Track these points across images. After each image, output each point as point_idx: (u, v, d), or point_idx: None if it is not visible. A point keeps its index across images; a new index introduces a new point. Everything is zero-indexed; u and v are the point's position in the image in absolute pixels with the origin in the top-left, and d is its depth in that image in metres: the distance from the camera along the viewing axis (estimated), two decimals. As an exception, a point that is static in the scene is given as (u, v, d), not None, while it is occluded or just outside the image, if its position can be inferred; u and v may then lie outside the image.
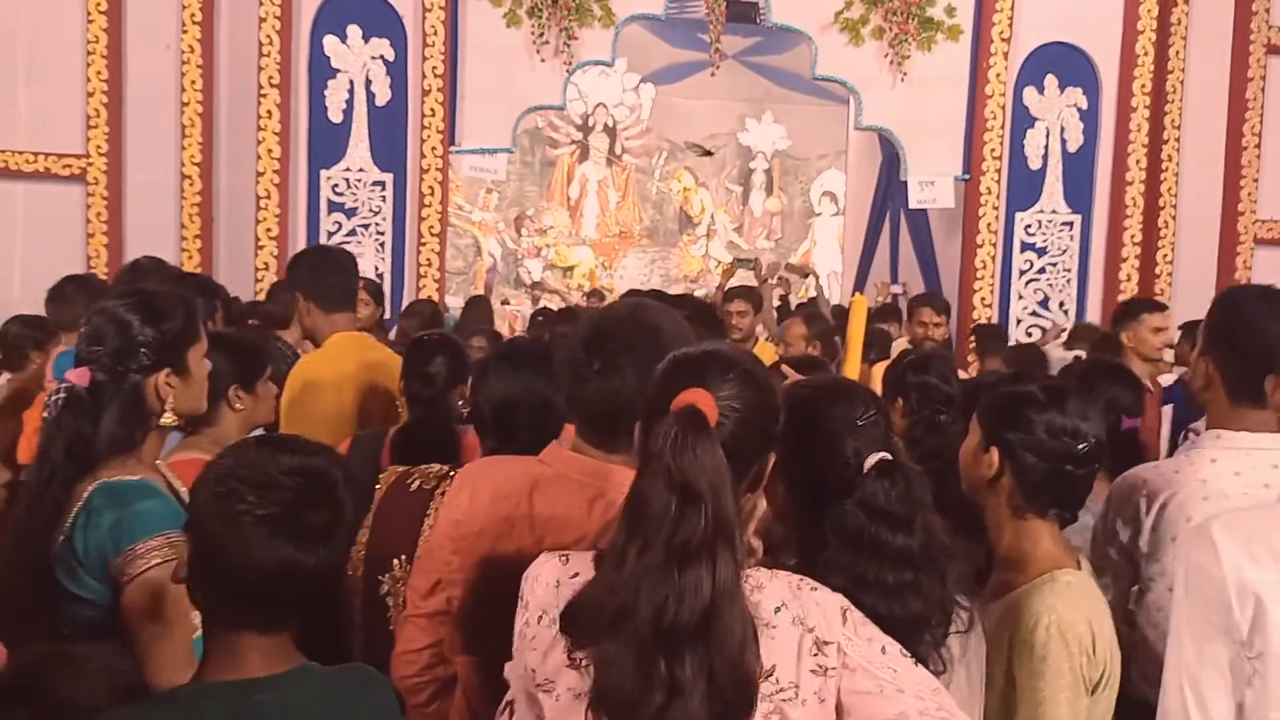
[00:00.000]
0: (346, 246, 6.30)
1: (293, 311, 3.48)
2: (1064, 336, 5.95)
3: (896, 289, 7.99)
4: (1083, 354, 5.07)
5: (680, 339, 1.61)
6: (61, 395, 1.80)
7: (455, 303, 9.45)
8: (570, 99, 7.85)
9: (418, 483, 2.32)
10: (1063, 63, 6.88)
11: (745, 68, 10.86)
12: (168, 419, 1.89)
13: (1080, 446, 1.69)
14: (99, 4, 6.43)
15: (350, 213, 6.48)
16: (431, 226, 6.49)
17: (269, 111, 6.27)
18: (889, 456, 1.47)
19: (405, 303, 6.45)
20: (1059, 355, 5.25)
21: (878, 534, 1.43)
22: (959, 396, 2.70)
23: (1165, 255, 7.15)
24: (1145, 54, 6.81)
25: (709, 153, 11.96)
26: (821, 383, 1.76)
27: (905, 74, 6.75)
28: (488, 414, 2.18)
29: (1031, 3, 6.77)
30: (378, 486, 2.37)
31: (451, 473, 2.26)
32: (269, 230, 6.23)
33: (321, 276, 3.18)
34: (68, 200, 6.51)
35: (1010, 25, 6.71)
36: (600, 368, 1.61)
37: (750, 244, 12.25)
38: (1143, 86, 6.83)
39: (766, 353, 4.62)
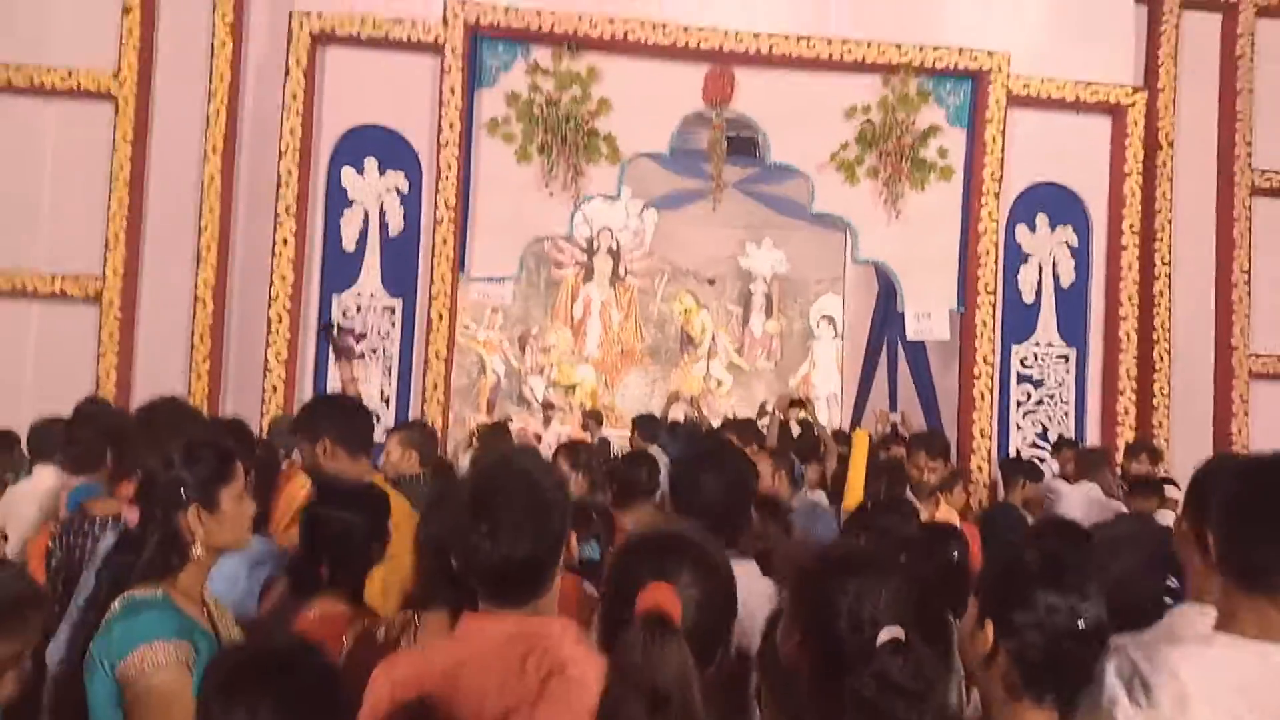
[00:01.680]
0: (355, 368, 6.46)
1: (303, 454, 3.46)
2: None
3: (895, 417, 8.05)
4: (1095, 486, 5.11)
5: (559, 489, 1.67)
6: (112, 536, 2.14)
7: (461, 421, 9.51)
8: (576, 224, 8.09)
9: (384, 632, 2.29)
10: (1053, 202, 7.13)
11: (745, 196, 11.18)
12: (199, 551, 2.11)
13: (1080, 623, 1.59)
14: (125, 133, 6.72)
15: (360, 336, 6.59)
16: (439, 351, 6.59)
17: (285, 239, 6.46)
18: (901, 637, 1.49)
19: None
20: (1069, 490, 5.25)
21: (891, 707, 1.44)
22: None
23: (1161, 388, 7.25)
24: (1133, 195, 7.06)
25: (712, 280, 12.24)
26: (842, 553, 1.78)
27: (900, 211, 6.98)
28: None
29: (1021, 145, 7.04)
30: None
31: (417, 619, 2.24)
32: (278, 353, 6.33)
33: (352, 421, 3.25)
34: (81, 321, 6.65)
35: (1001, 166, 6.97)
36: (489, 530, 1.62)
37: (750, 365, 12.40)
38: (1132, 226, 7.05)
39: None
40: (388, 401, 6.56)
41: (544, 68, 6.81)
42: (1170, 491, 5.27)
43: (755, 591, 2.24)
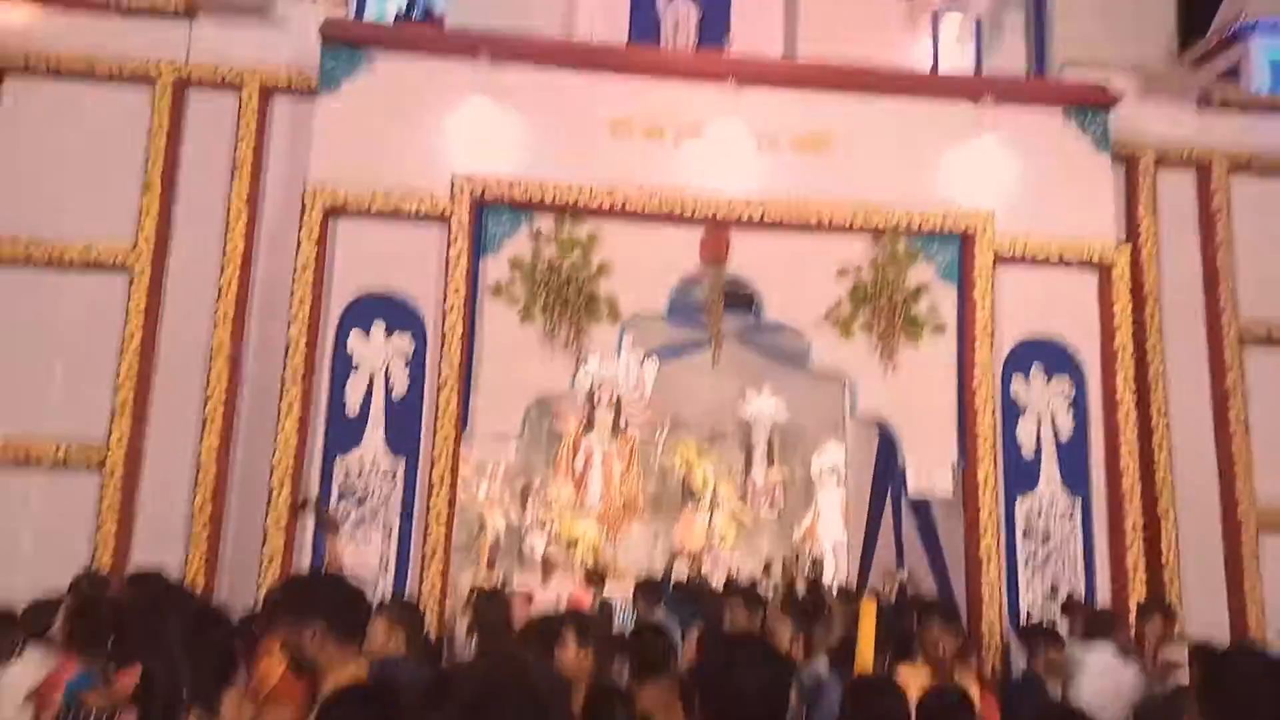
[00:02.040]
0: (356, 533, 6.42)
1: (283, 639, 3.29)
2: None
3: (902, 575, 7.94)
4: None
5: (561, 696, 1.62)
6: None
7: (459, 580, 9.34)
8: (577, 379, 8.17)
9: None
10: (1047, 355, 7.23)
11: (743, 345, 11.33)
12: None
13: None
14: (139, 304, 6.90)
15: (360, 501, 6.58)
16: (439, 514, 6.56)
17: (290, 405, 6.53)
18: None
19: (408, 590, 6.42)
20: (1091, 659, 5.10)
21: None
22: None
23: (1169, 543, 7.17)
24: (1125, 347, 7.17)
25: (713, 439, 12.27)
26: None
27: (896, 366, 7.07)
28: None
29: (1010, 299, 7.20)
30: None
31: None
32: (278, 520, 6.30)
33: (349, 608, 2.98)
34: (83, 489, 6.66)
35: (992, 321, 7.11)
36: None
37: (754, 515, 12.27)
38: (1126, 378, 7.13)
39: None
40: (386, 567, 6.48)
41: (546, 234, 7.05)
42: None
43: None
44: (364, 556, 6.36)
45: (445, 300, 6.78)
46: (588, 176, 7.02)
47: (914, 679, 3.87)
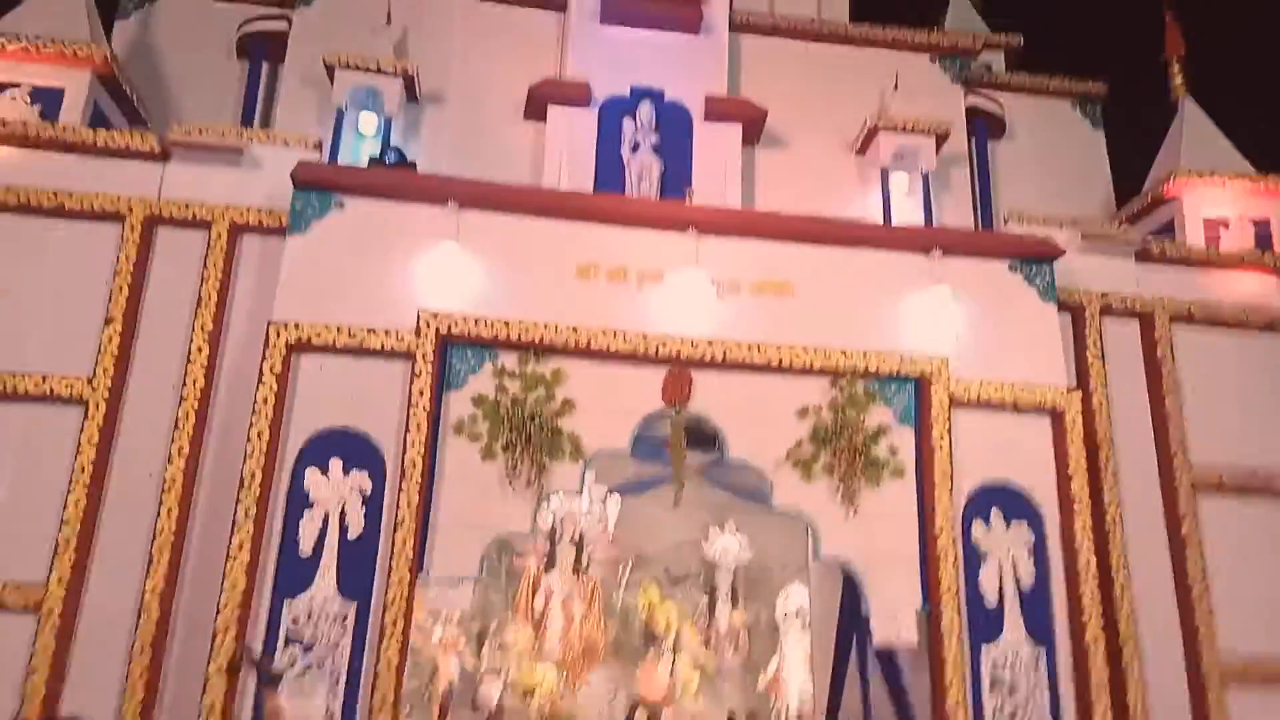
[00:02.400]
0: (299, 684, 6.16)
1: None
2: None
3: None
4: None
5: None
6: None
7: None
8: (539, 515, 8.06)
9: None
10: (1005, 499, 7.29)
11: (707, 482, 11.29)
12: None
13: None
14: (91, 437, 6.77)
15: (308, 647, 6.34)
16: (390, 660, 6.33)
17: (241, 544, 6.36)
18: None
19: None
20: None
21: None
22: None
23: (1135, 697, 7.06)
24: (1081, 492, 7.26)
25: (680, 580, 12.06)
26: None
27: (857, 508, 7.10)
28: None
29: (967, 443, 7.32)
30: None
31: None
32: (220, 668, 6.03)
33: None
34: (17, 630, 6.36)
35: (950, 464, 7.19)
36: None
37: (719, 658, 11.95)
38: (1084, 525, 7.18)
39: None
40: (332, 718, 6.19)
41: (510, 370, 7.11)
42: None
43: None
44: (307, 710, 6.08)
45: (406, 436, 6.74)
46: (553, 316, 7.14)
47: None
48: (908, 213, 9.21)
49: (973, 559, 7.12)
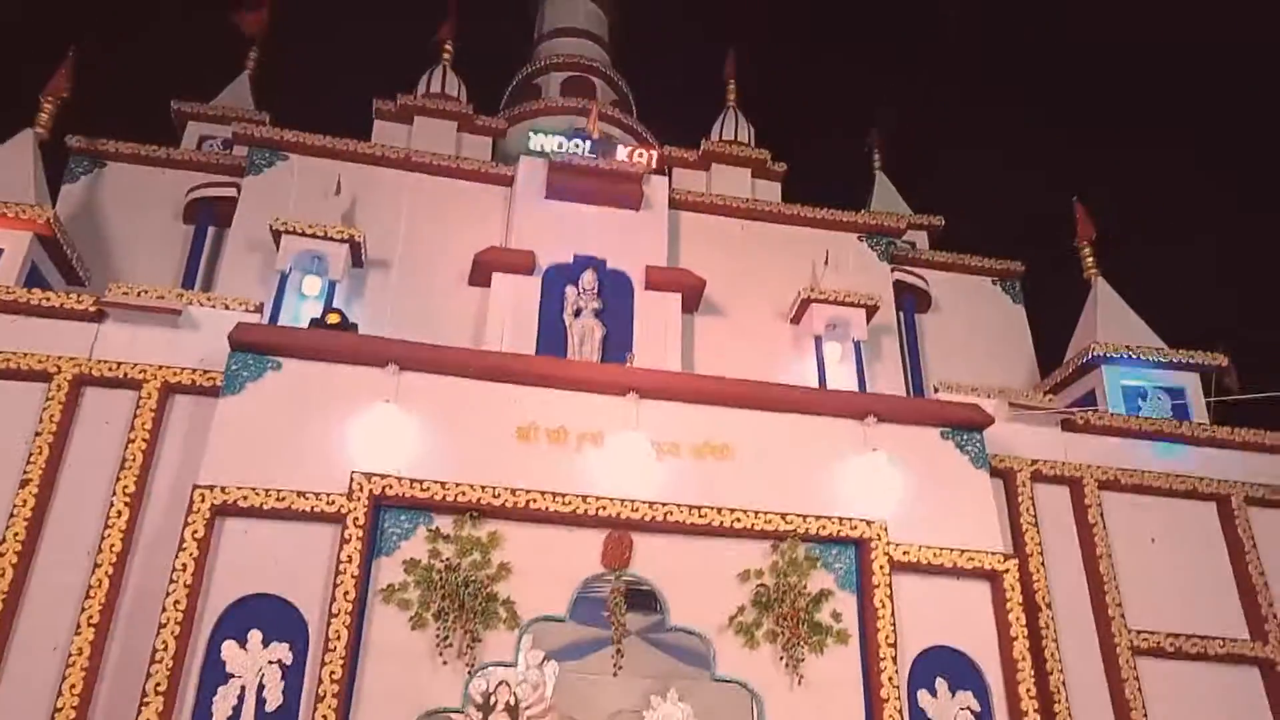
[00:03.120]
0: None
1: None
2: None
3: None
4: None
5: None
6: None
7: None
8: (470, 687, 7.69)
9: None
10: (950, 666, 7.17)
11: (648, 645, 10.93)
12: None
13: None
14: (-7, 605, 6.35)
15: (213, 838, 5.82)
16: None
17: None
18: None
19: None
20: None
21: None
22: None
23: None
24: (1024, 658, 7.18)
25: None
26: None
27: (802, 676, 6.92)
28: None
29: (910, 608, 7.26)
30: None
31: None
32: None
33: None
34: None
35: (894, 630, 7.10)
36: None
37: (659, 845, 11.24)
38: (1028, 690, 7.08)
39: None
40: None
41: (445, 534, 6.94)
42: None
43: None
44: None
45: (332, 604, 6.46)
46: (492, 478, 7.07)
47: None
48: (841, 380, 9.48)
49: (920, 729, 6.92)
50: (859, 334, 9.74)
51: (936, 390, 8.67)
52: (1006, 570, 7.48)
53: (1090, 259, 10.89)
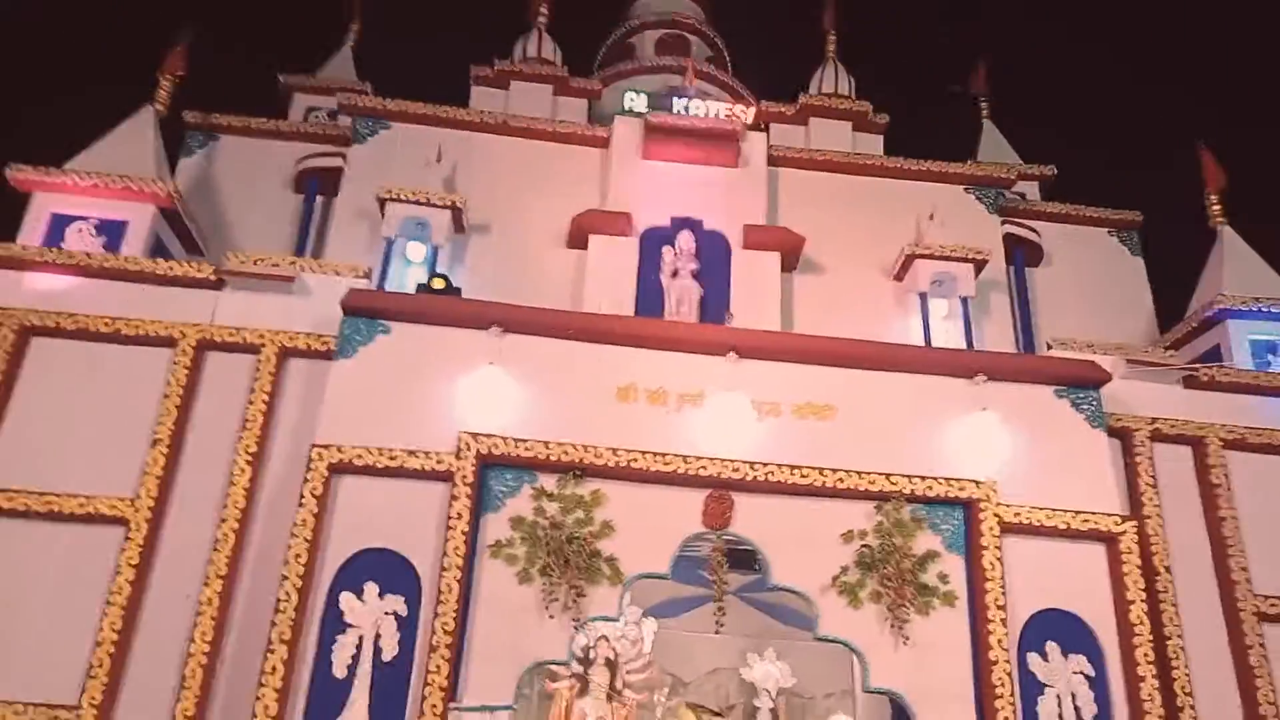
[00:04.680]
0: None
1: None
2: None
3: None
4: None
5: None
6: None
7: None
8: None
9: None
10: (1063, 629, 6.99)
11: (746, 604, 10.98)
12: None
13: None
14: (130, 557, 6.77)
15: (333, 781, 6.14)
16: (421, 792, 6.09)
17: (274, 668, 6.25)
18: None
19: None
20: None
21: None
22: None
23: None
24: (1140, 622, 6.95)
25: (719, 714, 11.63)
26: None
27: (908, 638, 6.84)
28: None
29: (1021, 571, 7.08)
30: None
31: None
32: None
33: None
34: (45, 754, 6.23)
35: (1003, 592, 6.94)
36: None
37: (758, 792, 11.38)
38: (1145, 655, 6.85)
39: None
40: None
41: (549, 492, 7.07)
42: None
43: None
44: None
45: (444, 559, 6.67)
46: (593, 438, 7.15)
47: None
48: (948, 337, 9.21)
49: (1030, 691, 6.77)
50: (966, 290, 9.42)
51: (1050, 347, 8.36)
52: (1124, 532, 7.21)
53: (1217, 207, 10.27)
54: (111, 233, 8.57)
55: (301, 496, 6.73)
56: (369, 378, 7.24)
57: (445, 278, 8.39)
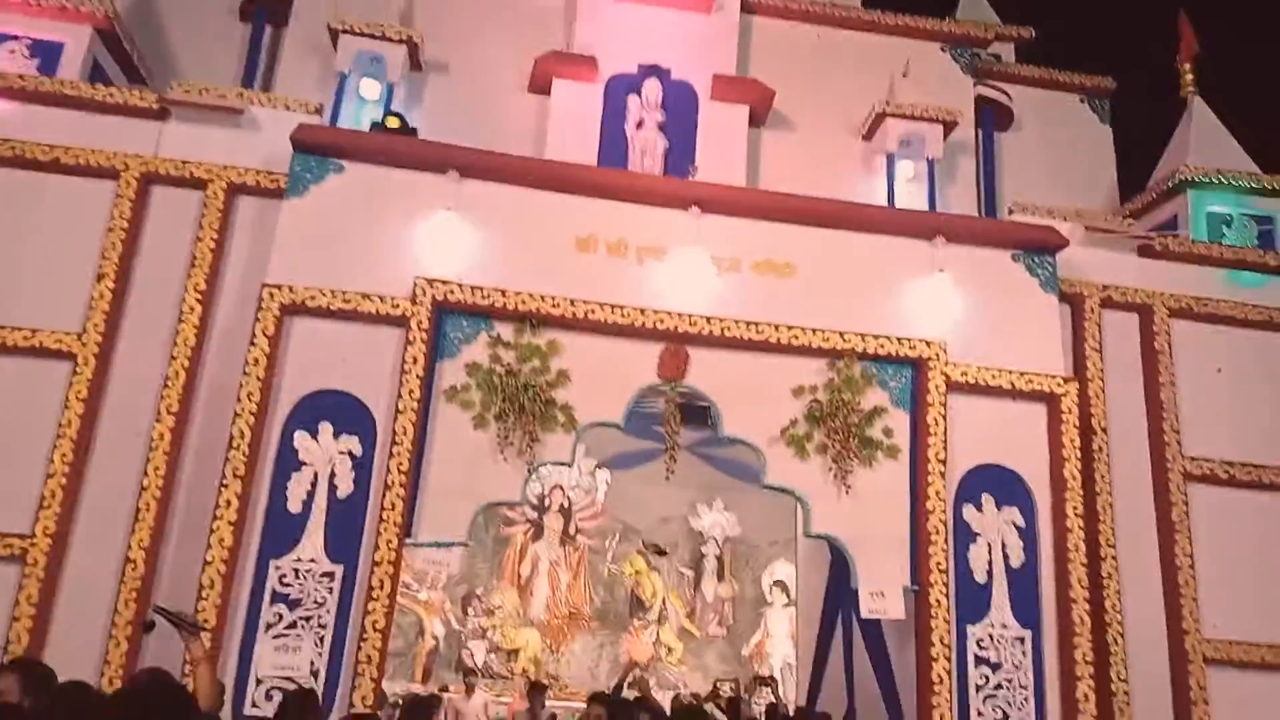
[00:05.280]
0: (284, 640, 6.15)
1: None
2: None
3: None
4: None
5: None
6: None
7: (390, 688, 8.95)
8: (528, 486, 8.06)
9: None
10: (997, 483, 7.29)
11: (697, 458, 11.30)
12: None
13: None
14: (79, 391, 6.72)
15: (294, 604, 6.33)
16: (376, 621, 6.32)
17: (228, 501, 6.33)
18: None
19: (340, 699, 6.13)
20: None
21: None
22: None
23: (1119, 673, 7.13)
24: (1073, 478, 7.26)
25: (662, 551, 12.11)
26: None
27: (850, 487, 7.09)
28: None
29: (962, 427, 7.31)
30: None
31: None
32: (205, 619, 5.99)
33: None
34: (1, 579, 6.33)
35: (945, 447, 7.19)
36: None
37: (702, 630, 12.03)
38: (1075, 508, 7.19)
39: None
40: (317, 675, 6.19)
41: (506, 340, 7.08)
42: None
43: None
44: (294, 660, 6.09)
45: (399, 402, 6.70)
46: (551, 288, 7.11)
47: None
48: (912, 200, 9.15)
49: (963, 539, 7.13)
50: (934, 152, 9.30)
51: (1011, 212, 8.37)
52: (1065, 393, 7.44)
53: (1189, 76, 10.15)
54: (47, 55, 8.09)
55: (253, 335, 6.66)
56: (321, 218, 7.07)
57: (401, 117, 8.09)
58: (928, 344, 7.37)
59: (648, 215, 7.50)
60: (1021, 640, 7.02)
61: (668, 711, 7.50)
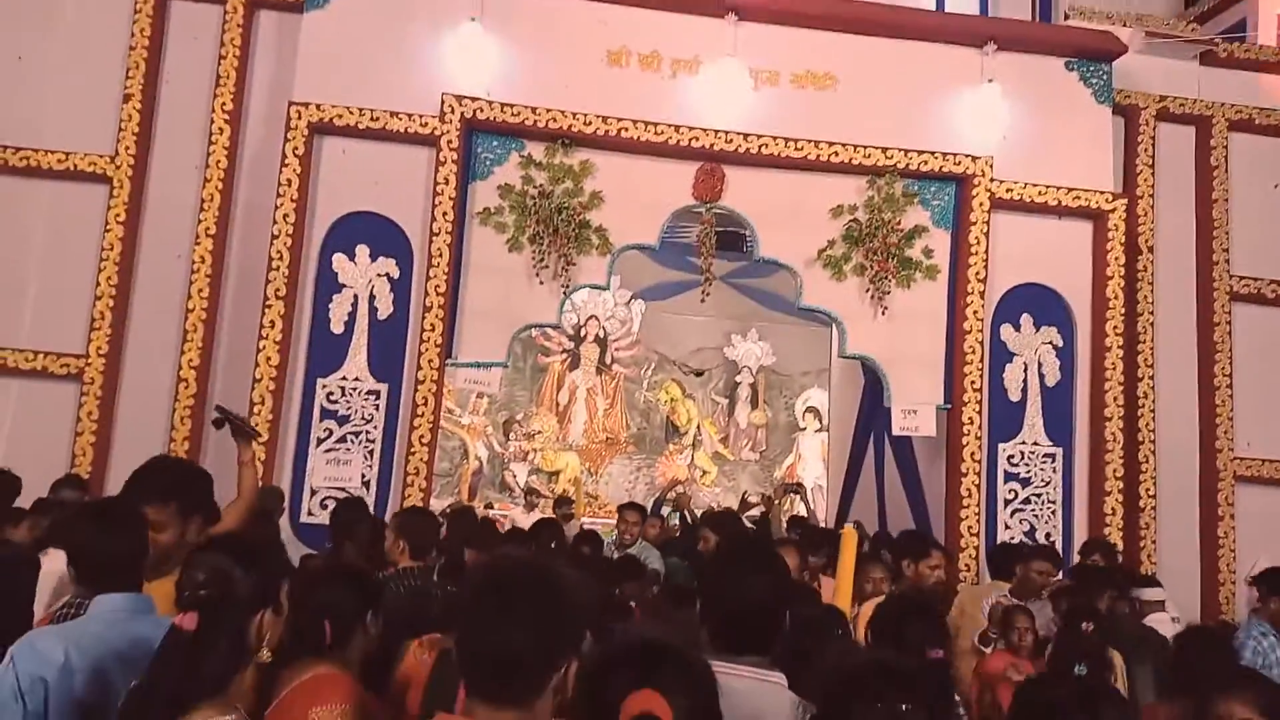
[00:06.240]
0: (335, 453, 6.39)
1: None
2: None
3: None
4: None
5: (582, 591, 1.60)
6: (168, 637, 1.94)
7: (439, 505, 9.38)
8: (564, 312, 8.14)
9: None
10: (1037, 303, 7.20)
11: (732, 289, 11.30)
12: (264, 655, 2.14)
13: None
14: (118, 214, 6.75)
15: (343, 420, 6.53)
16: (422, 436, 6.52)
17: (272, 321, 6.44)
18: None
19: (391, 511, 6.41)
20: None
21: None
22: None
23: (1148, 489, 7.26)
24: (1115, 297, 7.15)
25: (699, 372, 12.29)
26: (861, 668, 1.77)
27: (886, 308, 7.04)
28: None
29: (1004, 246, 7.16)
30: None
31: None
32: (259, 437, 6.21)
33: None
34: (61, 399, 6.58)
35: (985, 267, 7.07)
36: (496, 615, 1.55)
37: (735, 455, 12.36)
38: (1115, 328, 7.12)
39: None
40: (368, 485, 6.46)
41: (537, 161, 6.93)
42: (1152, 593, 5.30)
43: (773, 707, 2.11)
44: (345, 472, 6.36)
45: (432, 223, 6.67)
46: (582, 104, 6.89)
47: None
48: (961, 3, 8.66)
49: (999, 358, 7.12)
50: (986, -47, 8.74)
51: (1067, 17, 7.89)
52: (1113, 210, 7.23)
53: None
54: None
55: (284, 156, 6.58)
56: (344, 32, 6.82)
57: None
58: (973, 160, 7.12)
59: (682, 24, 7.15)
60: (1052, 457, 7.12)
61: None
